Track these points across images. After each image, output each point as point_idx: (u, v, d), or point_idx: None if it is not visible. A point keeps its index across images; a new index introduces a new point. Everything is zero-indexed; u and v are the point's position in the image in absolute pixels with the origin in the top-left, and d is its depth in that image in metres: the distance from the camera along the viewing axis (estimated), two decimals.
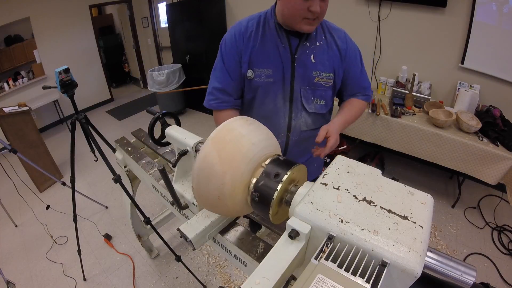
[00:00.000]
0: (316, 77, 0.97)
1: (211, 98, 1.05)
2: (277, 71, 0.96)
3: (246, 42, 0.97)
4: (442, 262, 0.48)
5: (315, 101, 1.01)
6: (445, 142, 2.00)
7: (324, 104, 1.03)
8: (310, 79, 0.97)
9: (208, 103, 1.07)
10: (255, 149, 0.60)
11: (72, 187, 1.67)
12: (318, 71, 0.96)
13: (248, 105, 1.07)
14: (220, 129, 0.61)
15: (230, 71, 1.00)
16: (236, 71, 1.00)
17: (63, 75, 1.35)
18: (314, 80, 0.97)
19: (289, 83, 0.97)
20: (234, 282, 1.84)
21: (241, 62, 0.98)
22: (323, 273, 0.40)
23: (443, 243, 2.01)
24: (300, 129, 1.05)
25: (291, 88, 0.98)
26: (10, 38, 4.04)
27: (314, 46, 0.96)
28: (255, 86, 1.00)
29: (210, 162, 0.58)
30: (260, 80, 0.98)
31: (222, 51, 1.00)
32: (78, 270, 1.93)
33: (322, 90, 0.99)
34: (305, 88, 0.98)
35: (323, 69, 0.97)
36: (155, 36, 5.16)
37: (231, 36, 0.99)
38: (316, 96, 1.00)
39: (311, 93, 1.00)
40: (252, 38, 0.97)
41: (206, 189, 0.60)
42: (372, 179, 0.54)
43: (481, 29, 2.10)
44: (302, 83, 0.98)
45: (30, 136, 2.76)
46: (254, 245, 0.76)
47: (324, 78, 0.98)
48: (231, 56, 0.99)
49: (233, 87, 1.03)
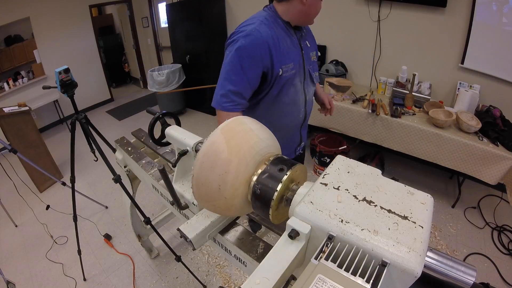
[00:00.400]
0: (312, 56, 1.24)
1: (225, 100, 1.04)
2: (295, 63, 1.12)
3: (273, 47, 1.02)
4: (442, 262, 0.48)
5: (314, 74, 1.27)
6: (445, 142, 2.00)
7: (317, 75, 1.31)
8: (310, 58, 1.22)
9: (221, 104, 1.05)
10: (262, 144, 0.61)
11: (72, 187, 1.67)
12: (312, 51, 1.23)
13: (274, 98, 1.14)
14: (231, 121, 0.63)
15: (250, 79, 1.03)
16: (256, 79, 1.05)
17: (63, 75, 1.35)
18: (312, 59, 1.23)
19: (302, 67, 1.17)
20: (234, 282, 1.84)
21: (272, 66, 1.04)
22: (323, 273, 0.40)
23: (443, 243, 2.01)
24: (311, 100, 1.30)
25: (304, 71, 1.18)
26: (10, 38, 4.04)
27: (304, 34, 1.20)
28: (284, 81, 1.10)
29: (217, 149, 0.58)
30: (287, 75, 1.10)
31: (241, 58, 1.00)
32: (78, 270, 1.93)
33: (315, 64, 1.27)
34: (309, 67, 1.21)
35: (314, 49, 1.25)
36: (155, 36, 5.16)
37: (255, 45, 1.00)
38: (315, 70, 1.27)
39: (313, 69, 1.24)
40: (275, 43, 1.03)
41: (208, 177, 0.59)
42: (372, 179, 0.54)
43: (481, 29, 2.10)
44: (308, 64, 1.20)
45: (30, 136, 2.76)
46: (254, 245, 0.76)
47: (314, 56, 1.26)
48: (254, 65, 1.01)
49: (249, 92, 1.08)
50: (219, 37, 3.96)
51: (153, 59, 5.45)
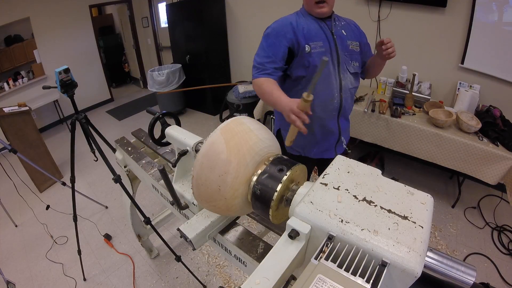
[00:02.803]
0: (350, 45, 1.27)
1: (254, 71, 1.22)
2: (325, 43, 1.21)
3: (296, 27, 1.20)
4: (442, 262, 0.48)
5: (353, 64, 1.29)
6: (445, 142, 2.00)
7: (358, 66, 1.31)
8: (346, 47, 1.26)
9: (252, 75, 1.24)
10: (262, 145, 0.61)
11: (72, 187, 1.67)
12: (350, 40, 1.27)
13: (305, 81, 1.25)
14: (230, 121, 0.63)
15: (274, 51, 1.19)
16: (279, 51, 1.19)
17: (63, 75, 1.35)
18: (350, 47, 1.27)
19: (335, 51, 1.23)
20: (234, 282, 1.84)
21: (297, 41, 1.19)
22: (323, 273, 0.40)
23: (443, 243, 2.01)
24: (348, 87, 1.29)
25: (337, 55, 1.23)
26: (10, 38, 4.04)
27: (341, 25, 1.27)
28: (314, 57, 1.20)
29: (217, 150, 0.58)
30: (316, 51, 1.20)
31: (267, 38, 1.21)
32: (78, 270, 1.93)
33: (355, 54, 1.29)
34: (345, 54, 1.25)
35: (352, 38, 1.28)
36: (155, 36, 5.16)
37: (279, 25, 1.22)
38: (353, 59, 1.29)
39: (349, 57, 1.27)
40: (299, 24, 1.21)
41: (208, 177, 0.59)
42: (372, 179, 0.54)
43: (481, 29, 2.10)
44: (343, 50, 1.24)
45: (30, 136, 2.76)
46: (254, 245, 0.76)
47: (354, 45, 1.28)
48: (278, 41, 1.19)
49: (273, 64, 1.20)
50: (219, 37, 3.96)
51: (153, 59, 5.45)
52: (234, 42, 4.01)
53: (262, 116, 3.13)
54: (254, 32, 3.57)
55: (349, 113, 1.40)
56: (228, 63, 4.24)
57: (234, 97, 3.42)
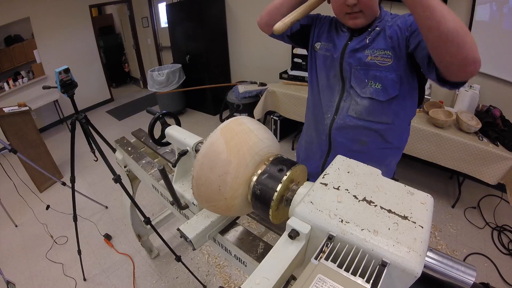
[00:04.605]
0: (369, 56, 0.88)
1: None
2: (335, 48, 0.96)
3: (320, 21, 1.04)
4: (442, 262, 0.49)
5: (370, 84, 0.90)
6: (445, 142, 2.00)
7: (380, 89, 0.89)
8: (362, 58, 0.89)
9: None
10: (262, 145, 0.61)
11: (72, 187, 1.67)
12: (371, 49, 0.88)
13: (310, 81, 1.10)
14: (230, 122, 0.63)
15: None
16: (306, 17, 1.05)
17: (63, 75, 1.35)
18: (367, 59, 0.88)
19: (339, 61, 0.95)
20: (234, 282, 1.84)
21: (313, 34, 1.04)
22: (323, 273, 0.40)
23: (443, 243, 2.01)
24: (347, 113, 0.97)
25: (340, 66, 0.95)
26: (10, 38, 4.04)
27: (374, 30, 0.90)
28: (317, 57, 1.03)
29: (217, 150, 0.58)
30: (321, 53, 1.01)
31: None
32: (78, 270, 1.93)
33: (377, 70, 0.88)
34: (356, 68, 0.91)
35: (377, 46, 0.87)
36: (155, 36, 5.16)
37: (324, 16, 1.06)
38: (370, 78, 0.89)
39: (363, 74, 0.90)
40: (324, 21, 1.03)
41: (208, 177, 0.59)
42: (372, 179, 0.54)
43: (481, 29, 2.10)
44: (353, 63, 0.92)
45: (30, 136, 2.76)
46: (254, 245, 0.76)
47: (378, 56, 0.87)
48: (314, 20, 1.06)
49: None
50: (219, 37, 3.96)
51: (153, 59, 5.45)
52: (234, 42, 4.01)
53: (262, 116, 3.13)
54: (254, 32, 3.58)
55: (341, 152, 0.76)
56: (228, 63, 4.24)
57: (234, 97, 3.42)
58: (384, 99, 0.90)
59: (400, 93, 0.90)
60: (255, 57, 3.82)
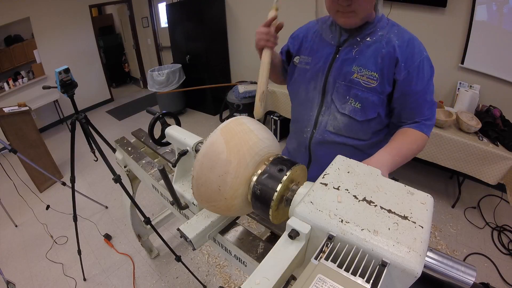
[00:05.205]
0: (355, 73, 0.86)
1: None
2: (315, 60, 0.94)
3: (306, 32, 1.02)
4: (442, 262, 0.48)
5: (350, 101, 0.89)
6: (445, 142, 2.00)
7: (359, 109, 0.88)
8: (348, 74, 0.87)
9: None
10: (262, 145, 0.61)
11: (72, 187, 1.67)
12: (358, 66, 0.86)
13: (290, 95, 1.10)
14: (230, 122, 0.63)
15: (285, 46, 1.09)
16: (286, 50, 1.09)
17: (63, 75, 1.35)
18: (352, 76, 0.87)
19: (324, 74, 0.92)
20: (234, 282, 1.84)
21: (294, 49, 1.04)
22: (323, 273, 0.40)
23: (443, 243, 2.01)
24: (325, 128, 0.96)
25: (325, 79, 0.92)
26: (10, 38, 4.04)
27: (364, 42, 0.87)
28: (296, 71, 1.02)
29: (217, 150, 0.58)
30: (300, 67, 0.99)
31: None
32: (78, 270, 1.93)
33: (359, 90, 0.86)
34: (340, 83, 0.89)
35: (365, 65, 0.85)
36: (155, 36, 5.16)
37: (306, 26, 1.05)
38: (351, 96, 0.88)
39: (346, 90, 0.89)
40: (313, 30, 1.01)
41: (208, 177, 0.59)
42: (372, 179, 0.54)
43: (481, 29, 2.10)
44: (338, 77, 0.89)
45: (30, 136, 2.76)
46: (254, 245, 0.76)
47: (364, 76, 0.85)
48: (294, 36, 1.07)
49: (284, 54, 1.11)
50: (219, 37, 3.96)
51: (153, 59, 5.45)
52: (234, 42, 4.01)
53: (262, 116, 3.13)
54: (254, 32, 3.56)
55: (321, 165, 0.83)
56: (228, 63, 4.24)
57: (234, 97, 3.42)
58: (361, 119, 0.90)
59: (379, 115, 0.89)
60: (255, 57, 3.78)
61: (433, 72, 0.86)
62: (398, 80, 0.83)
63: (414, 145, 0.85)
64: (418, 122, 0.87)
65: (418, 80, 0.83)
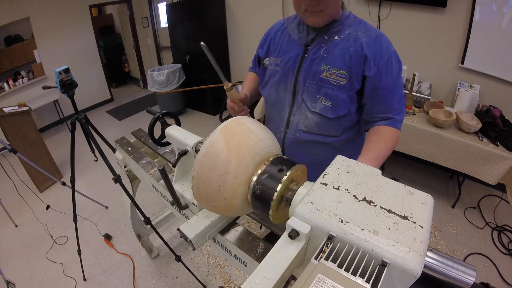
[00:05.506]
0: (324, 72, 0.88)
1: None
2: (285, 61, 0.96)
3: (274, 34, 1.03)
4: (442, 262, 0.48)
5: (320, 100, 0.90)
6: (445, 142, 2.00)
7: (330, 107, 0.90)
8: (317, 73, 0.89)
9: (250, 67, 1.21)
10: (262, 145, 0.61)
11: (72, 187, 1.67)
12: (327, 65, 0.88)
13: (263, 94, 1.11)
14: (230, 122, 0.63)
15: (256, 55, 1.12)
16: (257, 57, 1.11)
17: (63, 75, 1.35)
18: (322, 75, 0.88)
19: (294, 74, 0.94)
20: (234, 282, 1.84)
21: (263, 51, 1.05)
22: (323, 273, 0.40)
23: (443, 243, 2.01)
24: (297, 127, 0.97)
25: (295, 79, 0.94)
26: (10, 38, 4.04)
27: (332, 40, 0.88)
28: (267, 72, 1.03)
29: (217, 150, 0.58)
30: (271, 68, 1.01)
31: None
32: (78, 270, 1.93)
33: (329, 88, 0.88)
34: (310, 83, 0.91)
35: (334, 64, 0.87)
36: (155, 36, 5.16)
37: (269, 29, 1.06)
38: (321, 94, 0.90)
39: (316, 89, 0.90)
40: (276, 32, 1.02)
41: (208, 177, 0.59)
42: (372, 179, 0.54)
43: (481, 29, 2.10)
44: (308, 76, 0.91)
45: (30, 136, 2.76)
46: (254, 245, 0.76)
47: (333, 74, 0.87)
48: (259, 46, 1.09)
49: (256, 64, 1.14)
50: (219, 37, 3.95)
51: (153, 59, 5.45)
52: (234, 42, 4.01)
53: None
54: (254, 32, 3.57)
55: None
56: (228, 63, 4.24)
57: None
58: (332, 116, 0.91)
59: (349, 112, 0.91)
60: None
61: (401, 67, 0.91)
62: (369, 76, 0.85)
63: (390, 142, 0.86)
64: (390, 119, 0.89)
65: (388, 75, 0.86)
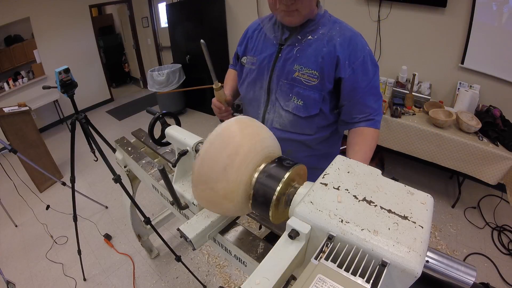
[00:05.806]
0: (297, 72, 0.90)
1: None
2: (260, 60, 0.98)
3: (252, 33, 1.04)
4: (442, 262, 0.48)
5: (293, 99, 0.92)
6: (445, 142, 2.00)
7: (302, 106, 0.91)
8: (290, 72, 0.91)
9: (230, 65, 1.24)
10: (270, 141, 0.64)
11: (72, 187, 1.67)
12: (299, 65, 0.89)
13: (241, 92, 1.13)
14: (242, 116, 0.66)
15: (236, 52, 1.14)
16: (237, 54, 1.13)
17: (63, 75, 1.35)
18: (294, 75, 0.90)
19: (269, 73, 0.96)
20: (234, 282, 1.84)
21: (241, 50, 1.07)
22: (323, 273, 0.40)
23: (443, 243, 2.01)
24: (272, 125, 0.99)
25: (270, 78, 0.96)
26: (10, 38, 4.04)
27: (306, 40, 0.89)
28: (244, 71, 1.05)
29: (230, 133, 0.60)
30: (247, 67, 1.02)
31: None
32: (78, 270, 1.93)
33: (301, 88, 0.90)
34: (283, 82, 0.93)
35: (306, 64, 0.88)
36: (155, 36, 5.16)
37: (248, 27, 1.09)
38: (294, 94, 0.92)
39: (288, 88, 0.92)
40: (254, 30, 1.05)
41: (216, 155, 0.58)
42: (372, 179, 0.53)
43: (481, 29, 2.10)
44: (281, 76, 0.93)
45: (30, 136, 2.76)
46: (254, 245, 0.76)
47: (305, 74, 0.88)
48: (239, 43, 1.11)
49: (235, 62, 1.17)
50: (219, 37, 3.95)
51: (153, 59, 5.45)
52: (234, 42, 4.01)
53: None
54: None
55: None
56: (228, 63, 4.23)
57: None
58: (304, 115, 0.93)
59: (321, 111, 0.92)
60: None
61: (377, 66, 0.90)
62: (344, 78, 0.86)
63: (374, 143, 0.90)
64: (371, 120, 0.90)
65: (364, 75, 0.86)
